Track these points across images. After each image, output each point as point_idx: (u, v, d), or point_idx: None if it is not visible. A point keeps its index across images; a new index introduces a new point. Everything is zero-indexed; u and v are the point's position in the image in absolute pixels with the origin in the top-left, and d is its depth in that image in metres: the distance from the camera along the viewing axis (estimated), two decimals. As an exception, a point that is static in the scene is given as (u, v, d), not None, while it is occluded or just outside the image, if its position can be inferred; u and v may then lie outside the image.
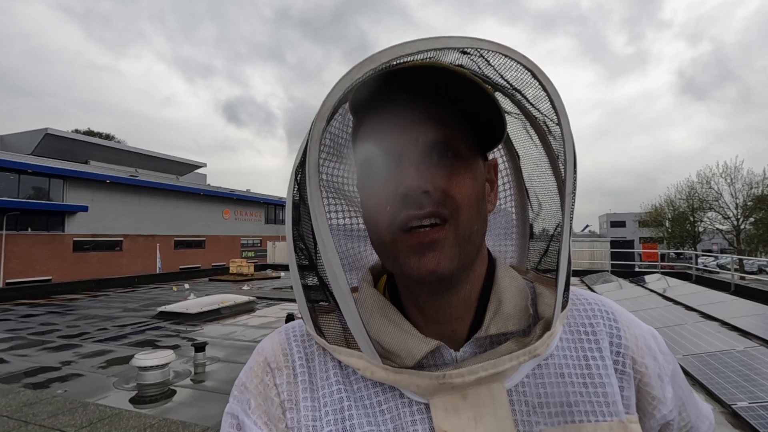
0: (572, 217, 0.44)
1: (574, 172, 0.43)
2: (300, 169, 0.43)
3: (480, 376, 0.41)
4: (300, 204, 0.44)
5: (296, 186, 0.44)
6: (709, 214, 29.33)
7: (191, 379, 5.51)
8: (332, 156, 0.51)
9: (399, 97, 0.41)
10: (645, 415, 0.47)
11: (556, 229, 0.48)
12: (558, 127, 0.43)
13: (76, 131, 37.14)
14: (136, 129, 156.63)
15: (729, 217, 27.91)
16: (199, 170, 35.56)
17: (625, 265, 16.96)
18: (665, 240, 32.99)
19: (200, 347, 5.89)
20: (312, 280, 0.46)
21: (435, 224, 0.40)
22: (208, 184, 33.99)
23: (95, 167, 24.22)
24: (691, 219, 30.39)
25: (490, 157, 0.54)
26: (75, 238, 21.42)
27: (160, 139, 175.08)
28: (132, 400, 4.81)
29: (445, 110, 0.42)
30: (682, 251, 27.65)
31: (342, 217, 0.54)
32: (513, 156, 0.56)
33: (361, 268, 0.56)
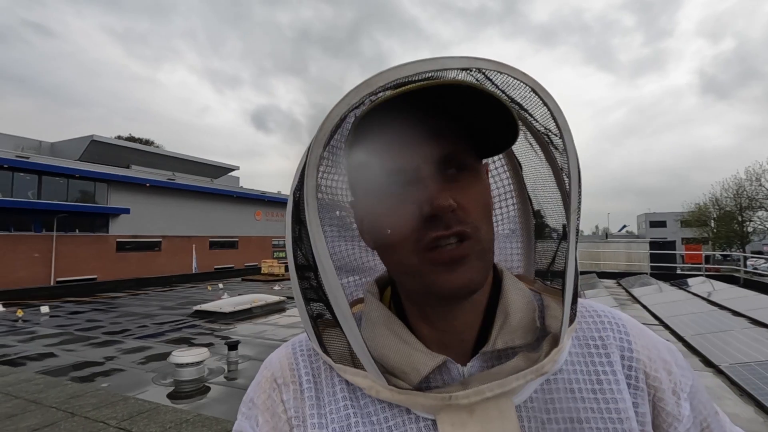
0: (578, 231, 0.43)
1: (579, 186, 0.42)
2: (298, 192, 0.43)
3: (486, 397, 0.40)
4: (300, 227, 0.44)
5: (294, 207, 0.44)
6: (759, 213, 27.69)
7: (224, 377, 5.69)
8: (336, 176, 0.50)
9: (403, 112, 0.40)
10: None
11: (561, 240, 0.47)
12: (561, 141, 0.42)
13: (119, 137, 38.98)
14: (173, 135, 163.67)
15: (781, 217, 26.18)
16: (232, 173, 36.56)
17: (666, 267, 16.15)
18: (710, 241, 31.25)
19: (233, 345, 6.07)
20: (315, 302, 0.46)
21: (461, 240, 0.40)
22: (241, 187, 34.86)
23: (136, 171, 25.33)
24: (739, 218, 28.68)
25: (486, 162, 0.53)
26: (118, 239, 22.48)
27: (195, 144, 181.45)
28: (169, 395, 5.02)
29: (450, 123, 0.42)
30: (728, 253, 26.17)
31: (347, 231, 0.53)
32: (515, 166, 0.55)
33: (366, 273, 0.56)
